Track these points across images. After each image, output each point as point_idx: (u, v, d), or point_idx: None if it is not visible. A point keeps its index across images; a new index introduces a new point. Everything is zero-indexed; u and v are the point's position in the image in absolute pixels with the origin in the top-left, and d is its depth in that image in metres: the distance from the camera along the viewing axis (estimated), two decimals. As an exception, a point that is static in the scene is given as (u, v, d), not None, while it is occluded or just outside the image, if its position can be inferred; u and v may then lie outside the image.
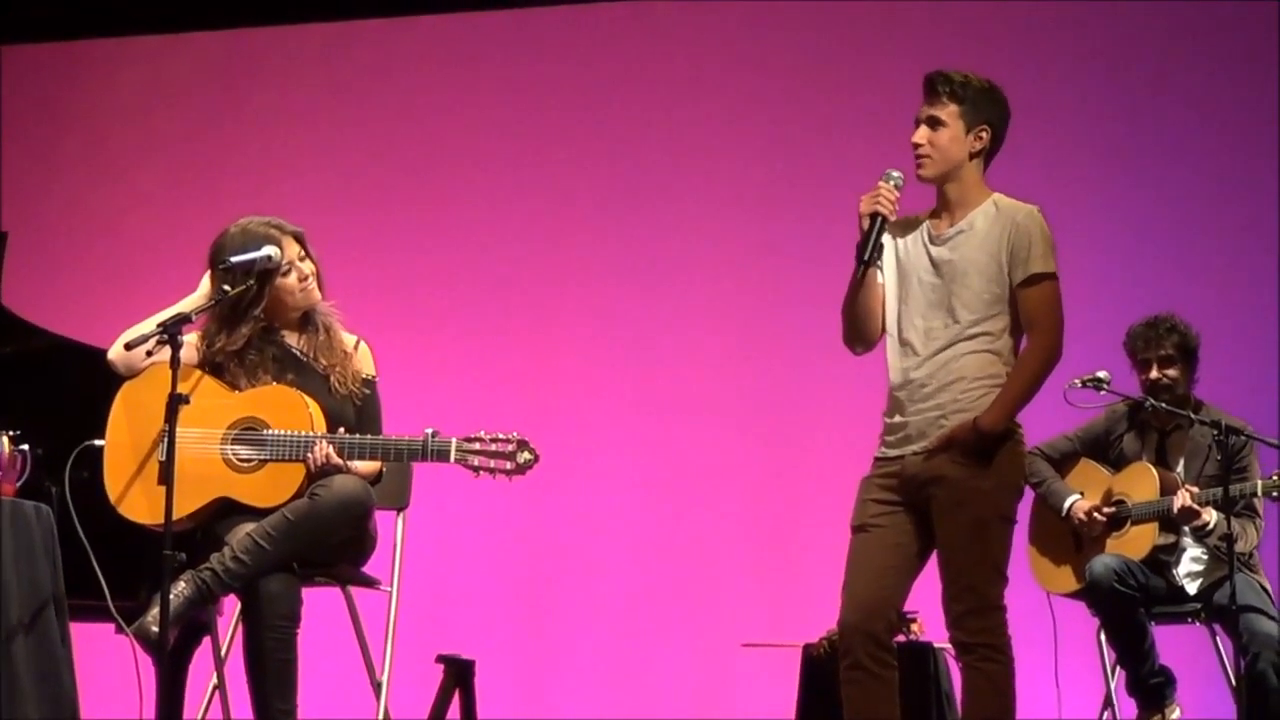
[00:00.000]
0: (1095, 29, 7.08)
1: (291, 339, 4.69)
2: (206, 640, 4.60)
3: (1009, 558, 4.22)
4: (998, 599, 4.17)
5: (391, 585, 4.78)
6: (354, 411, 4.64)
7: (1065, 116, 6.99)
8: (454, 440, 4.45)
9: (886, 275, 4.34)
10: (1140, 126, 7.00)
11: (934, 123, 4.27)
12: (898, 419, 4.28)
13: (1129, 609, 5.39)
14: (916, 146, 4.29)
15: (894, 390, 4.30)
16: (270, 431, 4.48)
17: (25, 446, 4.48)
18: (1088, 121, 7.03)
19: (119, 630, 4.37)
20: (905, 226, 4.34)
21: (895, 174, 4.27)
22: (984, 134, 4.28)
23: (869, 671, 4.15)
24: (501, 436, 4.45)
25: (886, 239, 4.31)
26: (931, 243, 4.30)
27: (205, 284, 4.61)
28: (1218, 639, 5.54)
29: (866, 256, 4.24)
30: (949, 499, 4.16)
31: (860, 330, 4.35)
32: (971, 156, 4.29)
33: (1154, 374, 5.56)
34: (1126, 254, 6.89)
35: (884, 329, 4.35)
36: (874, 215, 4.24)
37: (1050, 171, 6.69)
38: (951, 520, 4.16)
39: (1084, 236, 6.55)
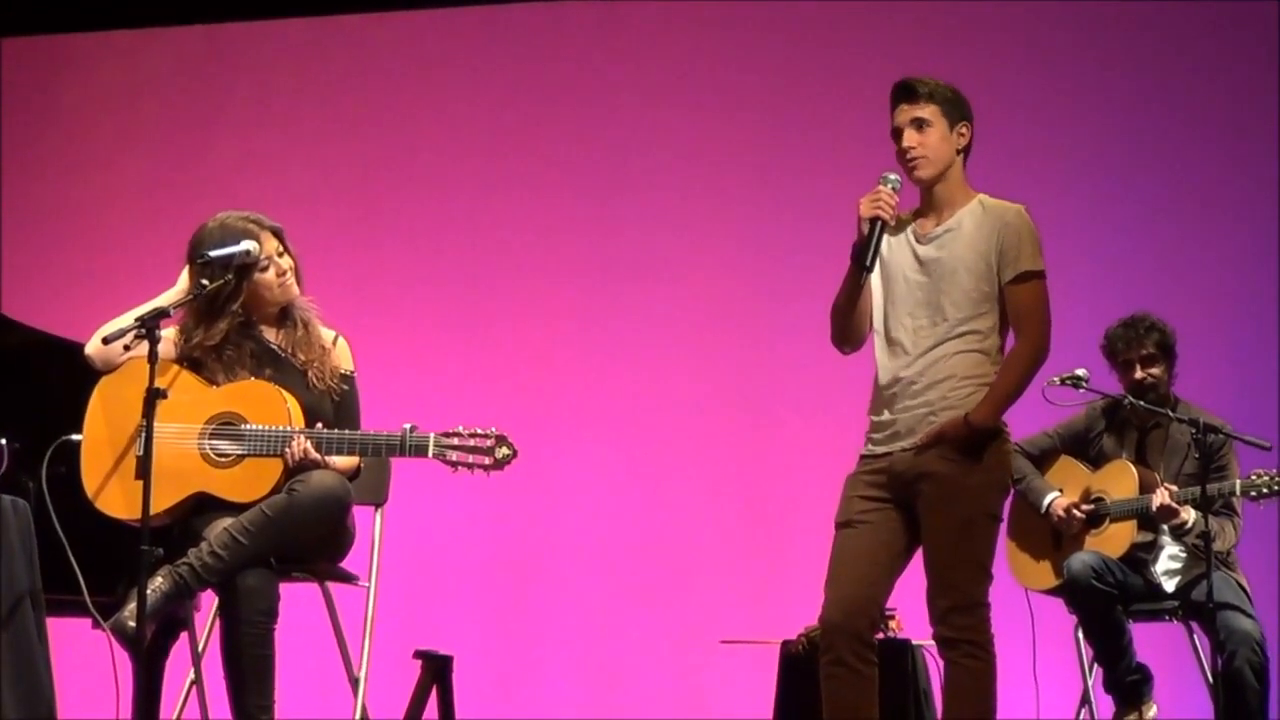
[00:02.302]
0: (1084, 27, 7.07)
1: (270, 334, 4.68)
2: (184, 636, 4.60)
3: (994, 555, 4.24)
4: (983, 596, 4.18)
5: (369, 581, 4.77)
6: (332, 407, 4.63)
7: (1057, 115, 7.00)
8: (432, 435, 4.45)
9: (873, 275, 4.32)
10: (1135, 124, 6.99)
11: (920, 124, 4.27)
12: (885, 416, 4.28)
13: (1107, 606, 5.39)
14: (908, 150, 4.27)
15: (881, 389, 4.31)
16: (248, 426, 4.47)
17: (2, 441, 4.47)
18: (1080, 120, 7.02)
19: (96, 626, 4.35)
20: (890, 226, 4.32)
21: (892, 177, 4.26)
22: (965, 130, 4.31)
23: (851, 668, 4.15)
24: (480, 432, 4.45)
25: None
26: (918, 241, 4.30)
27: (184, 278, 4.60)
28: (1195, 637, 5.54)
29: (869, 263, 4.22)
30: (937, 495, 4.17)
31: (852, 331, 4.36)
32: (957, 153, 4.30)
33: (1139, 374, 5.56)
34: (1115, 253, 6.88)
35: (871, 328, 4.35)
36: (874, 219, 4.21)
37: (1039, 170, 6.70)
38: (939, 516, 4.17)
39: (1071, 235, 6.55)
